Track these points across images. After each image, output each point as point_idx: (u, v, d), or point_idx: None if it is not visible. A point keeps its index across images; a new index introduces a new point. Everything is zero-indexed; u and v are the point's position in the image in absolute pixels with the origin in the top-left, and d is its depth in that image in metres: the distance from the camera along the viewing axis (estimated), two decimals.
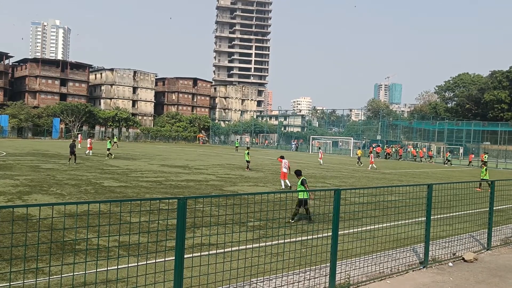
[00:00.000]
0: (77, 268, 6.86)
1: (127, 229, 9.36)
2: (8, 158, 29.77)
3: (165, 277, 5.79)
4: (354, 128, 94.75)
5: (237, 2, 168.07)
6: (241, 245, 8.14)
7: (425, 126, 79.50)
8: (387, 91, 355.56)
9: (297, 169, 13.22)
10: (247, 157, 29.02)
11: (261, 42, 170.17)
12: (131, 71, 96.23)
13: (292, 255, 7.34)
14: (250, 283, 6.44)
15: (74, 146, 28.18)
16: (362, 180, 25.99)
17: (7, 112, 74.93)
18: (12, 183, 17.38)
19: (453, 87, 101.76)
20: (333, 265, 6.50)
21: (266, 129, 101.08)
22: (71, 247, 8.51)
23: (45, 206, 10.15)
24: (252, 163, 35.95)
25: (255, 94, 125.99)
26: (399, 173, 33.63)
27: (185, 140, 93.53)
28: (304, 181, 12.35)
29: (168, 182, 20.06)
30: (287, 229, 10.37)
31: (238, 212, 10.81)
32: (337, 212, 6.52)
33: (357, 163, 40.94)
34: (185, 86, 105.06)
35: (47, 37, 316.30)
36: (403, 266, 7.85)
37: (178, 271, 5.07)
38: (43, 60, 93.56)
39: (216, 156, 45.06)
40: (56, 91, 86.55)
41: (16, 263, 7.37)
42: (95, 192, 16.18)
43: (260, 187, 20.21)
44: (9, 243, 8.02)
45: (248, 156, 29.14)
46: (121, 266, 6.95)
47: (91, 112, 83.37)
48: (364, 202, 11.64)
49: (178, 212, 5.06)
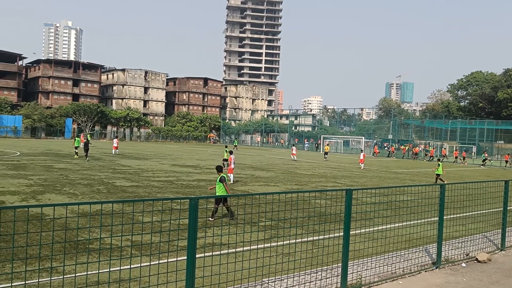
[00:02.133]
0: (91, 267, 6.94)
1: (139, 228, 9.43)
2: (22, 158, 30.15)
3: (177, 277, 5.83)
4: (365, 127, 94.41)
5: (247, 2, 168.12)
6: (253, 245, 8.16)
7: (438, 125, 78.82)
8: (399, 90, 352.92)
9: (218, 165, 12.88)
10: (226, 155, 27.98)
11: (271, 41, 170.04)
12: (142, 71, 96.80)
13: (304, 255, 7.34)
14: (261, 283, 6.46)
15: (88, 144, 30.99)
16: (373, 180, 25.85)
17: (21, 113, 75.86)
18: (26, 183, 17.60)
19: (466, 86, 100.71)
20: (345, 265, 6.49)
21: (277, 128, 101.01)
22: (84, 246, 8.60)
23: (59, 206, 10.27)
24: (263, 163, 35.96)
25: (266, 94, 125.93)
26: (411, 173, 33.39)
27: (196, 140, 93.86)
28: (223, 178, 12.03)
29: (179, 182, 20.15)
30: (299, 229, 10.36)
31: (249, 212, 10.84)
32: (349, 212, 6.51)
33: (324, 157, 45.76)
34: (196, 86, 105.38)
35: (59, 38, 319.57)
36: (416, 267, 7.80)
37: (190, 271, 5.10)
38: (56, 61, 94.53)
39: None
40: (69, 92, 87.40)
41: (30, 262, 7.47)
42: (107, 191, 16.31)
43: (271, 187, 20.21)
44: (24, 242, 8.13)
45: (226, 154, 28.14)
46: (133, 265, 7.01)
47: (103, 112, 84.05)
48: (375, 202, 11.58)
49: (190, 212, 5.08)
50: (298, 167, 33.58)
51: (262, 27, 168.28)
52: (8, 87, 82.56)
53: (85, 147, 31.72)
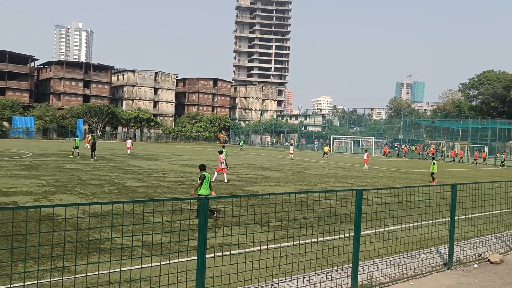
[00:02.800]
0: (102, 267, 6.98)
1: (150, 229, 9.47)
2: (34, 159, 30.47)
3: (187, 277, 5.84)
4: (376, 127, 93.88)
5: (256, 2, 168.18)
6: (263, 245, 8.16)
7: (449, 125, 78.14)
8: (409, 90, 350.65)
9: (201, 164, 12.74)
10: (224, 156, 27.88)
11: (281, 41, 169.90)
12: (152, 72, 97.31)
13: (314, 256, 7.31)
14: (271, 283, 6.45)
15: (95, 144, 33.31)
16: (384, 180, 25.71)
17: (33, 114, 76.70)
18: (38, 183, 17.78)
19: (478, 85, 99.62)
20: (355, 266, 6.46)
21: (287, 128, 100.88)
22: (96, 246, 8.66)
23: (71, 206, 10.33)
24: (273, 163, 35.94)
25: (275, 94, 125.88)
26: (422, 173, 33.14)
27: (205, 140, 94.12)
28: (202, 176, 11.96)
29: (189, 182, 20.22)
30: (309, 230, 10.34)
31: (259, 212, 10.83)
32: (359, 213, 6.47)
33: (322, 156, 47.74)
34: (206, 87, 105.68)
35: (70, 40, 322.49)
36: (427, 268, 7.74)
37: (200, 271, 5.11)
38: (67, 63, 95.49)
39: (237, 156, 45.18)
40: (80, 93, 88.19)
41: (42, 262, 7.53)
42: (118, 192, 16.42)
43: (281, 187, 20.20)
44: (36, 242, 8.21)
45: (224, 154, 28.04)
46: (144, 265, 7.04)
47: (113, 113, 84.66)
48: (386, 203, 11.50)
49: (200, 212, 5.10)
50: (308, 167, 33.51)
51: (271, 27, 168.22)
52: (20, 89, 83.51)
53: (92, 147, 33.08)
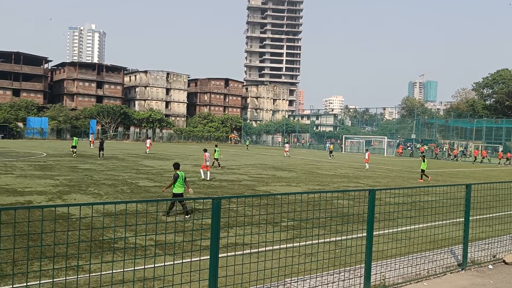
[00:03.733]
0: (116, 266, 7.05)
1: (163, 228, 9.54)
2: (48, 159, 30.84)
3: (200, 276, 5.87)
4: (388, 127, 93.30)
5: (268, 2, 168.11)
6: (275, 245, 8.17)
7: (462, 124, 77.32)
8: (422, 89, 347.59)
9: (175, 163, 12.80)
10: (216, 155, 28.09)
11: (292, 41, 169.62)
12: (164, 73, 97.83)
13: (326, 256, 7.30)
14: (284, 283, 6.45)
15: (103, 143, 34.59)
16: (396, 180, 25.54)
17: (47, 115, 77.64)
18: (53, 183, 17.99)
19: (492, 84, 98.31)
20: (368, 266, 6.43)
21: (298, 128, 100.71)
22: (109, 245, 8.75)
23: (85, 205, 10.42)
24: (284, 163, 35.91)
25: (287, 94, 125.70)
26: (435, 173, 32.85)
27: (217, 140, 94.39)
28: (176, 175, 11.96)
29: (201, 182, 20.29)
30: (321, 230, 10.33)
31: (271, 212, 10.84)
32: (372, 213, 6.45)
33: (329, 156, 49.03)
34: (217, 87, 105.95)
35: (83, 41, 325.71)
36: (441, 268, 7.67)
37: (213, 270, 5.13)
38: (80, 64, 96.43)
39: (248, 156, 45.23)
40: (93, 94, 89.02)
41: (57, 261, 7.63)
42: (131, 192, 16.54)
43: (293, 187, 20.18)
44: (51, 241, 8.31)
45: (218, 153, 28.30)
46: (157, 264, 7.10)
47: (126, 114, 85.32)
48: (399, 203, 11.43)
49: (212, 212, 5.12)
50: (320, 167, 33.42)
51: (282, 27, 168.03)
52: (34, 90, 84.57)
53: (100, 146, 34.12)
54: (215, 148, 28.59)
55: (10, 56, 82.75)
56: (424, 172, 25.89)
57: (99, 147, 34.15)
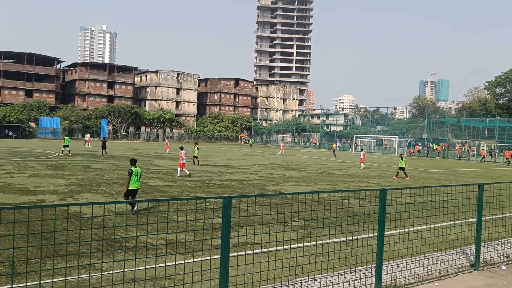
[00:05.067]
0: (127, 265, 7.10)
1: (173, 227, 9.58)
2: (60, 159, 31.14)
3: (211, 275, 5.89)
4: (399, 126, 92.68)
5: (278, 2, 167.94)
6: (285, 244, 8.16)
7: (475, 124, 76.47)
8: (433, 88, 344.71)
9: (132, 158, 12.89)
10: (196, 153, 29.08)
11: (302, 41, 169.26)
12: (175, 73, 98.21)
13: (337, 256, 7.28)
14: (294, 282, 6.45)
15: (106, 142, 36.21)
16: (407, 180, 25.36)
17: (59, 115, 78.39)
18: (65, 182, 18.17)
19: (505, 82, 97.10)
20: (379, 266, 6.40)
21: (308, 128, 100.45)
22: (121, 244, 8.81)
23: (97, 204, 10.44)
24: (295, 163, 35.86)
25: (297, 93, 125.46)
26: (447, 173, 32.57)
27: (227, 140, 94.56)
28: (130, 171, 12.11)
29: (211, 182, 20.35)
30: (331, 229, 10.30)
31: (281, 211, 10.84)
32: (383, 213, 6.41)
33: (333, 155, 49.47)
34: (227, 87, 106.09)
35: (95, 42, 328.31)
36: (453, 269, 7.61)
37: (224, 269, 5.14)
38: (92, 64, 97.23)
39: (258, 156, 45.24)
40: (104, 94, 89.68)
41: (70, 259, 7.71)
42: (141, 191, 16.62)
43: (303, 187, 20.14)
44: (64, 239, 8.40)
45: (197, 151, 29.25)
46: (168, 263, 7.13)
47: (137, 114, 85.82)
48: (410, 202, 11.35)
49: (223, 211, 5.13)
50: (330, 167, 33.32)
51: (293, 27, 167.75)
52: (46, 90, 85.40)
53: (103, 145, 35.49)
54: (195, 146, 29.73)
55: (23, 56, 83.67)
56: (403, 170, 26.03)
57: (102, 146, 35.45)
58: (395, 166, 37.08)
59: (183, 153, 22.45)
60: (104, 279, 6.67)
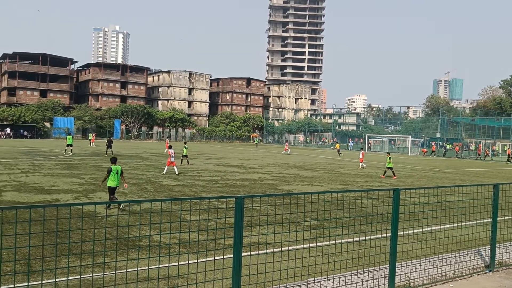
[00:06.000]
0: (141, 264, 7.16)
1: (186, 227, 9.63)
2: (74, 158, 31.48)
3: (223, 275, 5.91)
4: (412, 125, 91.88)
5: (289, 1, 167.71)
6: (298, 244, 8.15)
7: (489, 123, 75.49)
8: (447, 87, 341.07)
9: (113, 157, 13.38)
10: (185, 152, 29.65)
11: (314, 40, 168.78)
12: (187, 73, 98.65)
13: (350, 256, 7.25)
14: (307, 282, 6.44)
15: (111, 142, 37.94)
16: (421, 180, 25.14)
17: (72, 115, 79.28)
18: (79, 182, 18.36)
19: None
20: (392, 266, 6.36)
21: (320, 127, 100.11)
22: (134, 243, 8.88)
23: (111, 203, 10.62)
24: (307, 162, 35.78)
25: (309, 93, 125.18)
26: (461, 172, 32.21)
27: (239, 140, 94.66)
28: (109, 169, 12.56)
29: (223, 181, 20.39)
30: (344, 229, 10.26)
31: (294, 211, 10.82)
32: (396, 213, 6.37)
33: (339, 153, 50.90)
34: (239, 86, 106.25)
35: (108, 42, 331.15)
36: (467, 270, 7.53)
37: (236, 269, 5.16)
38: (105, 64, 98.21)
39: (270, 155, 45.21)
40: (117, 94, 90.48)
41: (84, 258, 7.79)
42: (154, 190, 16.75)
43: (315, 187, 20.08)
44: (78, 238, 8.49)
45: (186, 150, 29.88)
46: (181, 262, 7.17)
47: (149, 113, 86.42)
48: (424, 203, 11.25)
49: (235, 211, 5.14)
50: (343, 166, 33.17)
51: (304, 26, 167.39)
52: (61, 90, 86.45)
53: (108, 144, 37.21)
54: (184, 145, 30.55)
55: (38, 57, 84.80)
56: (392, 170, 25.90)
57: (107, 145, 37.07)
58: (408, 166, 36.78)
59: (171, 151, 23.28)
60: (118, 278, 6.72)
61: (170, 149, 23.59)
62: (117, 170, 12.67)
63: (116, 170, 12.63)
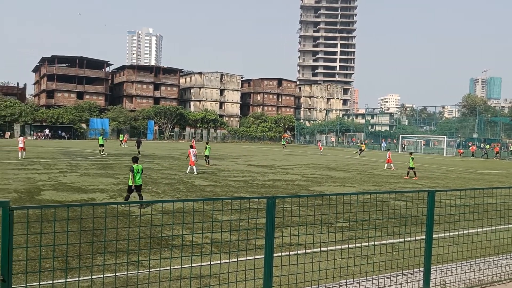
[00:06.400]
0: (173, 263, 7.26)
1: (218, 227, 9.71)
2: (109, 158, 32.26)
3: (255, 275, 5.93)
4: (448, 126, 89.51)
5: (321, 1, 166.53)
6: (330, 245, 8.09)
7: None
8: (485, 86, 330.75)
9: (134, 156, 13.78)
10: (207, 152, 29.43)
11: (346, 39, 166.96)
12: (218, 74, 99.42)
13: (383, 258, 7.14)
14: (339, 284, 6.39)
15: (140, 143, 40.04)
16: (457, 181, 24.48)
17: (107, 116, 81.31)
18: (114, 182, 18.80)
19: None
20: (427, 270, 6.23)
21: (353, 128, 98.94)
22: (167, 242, 9.02)
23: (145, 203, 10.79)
24: (338, 163, 35.44)
25: (341, 93, 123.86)
26: (499, 174, 31.17)
27: (270, 140, 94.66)
28: (132, 168, 12.79)
29: (255, 182, 20.44)
30: (377, 231, 10.11)
31: (325, 212, 10.74)
32: (431, 215, 6.24)
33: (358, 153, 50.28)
34: (270, 87, 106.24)
35: (141, 45, 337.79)
36: (506, 274, 7.29)
37: (268, 269, 5.17)
38: (139, 67, 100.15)
39: (301, 156, 45.02)
40: (150, 95, 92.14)
41: (119, 256, 7.97)
42: (187, 190, 16.96)
43: (347, 187, 19.87)
44: (113, 237, 8.69)
45: (208, 151, 29.60)
46: (213, 262, 7.23)
47: (181, 115, 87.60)
48: (460, 205, 10.95)
49: (267, 211, 5.15)
50: (375, 167, 32.68)
51: (336, 25, 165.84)
52: (96, 92, 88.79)
53: (138, 145, 38.92)
54: (206, 145, 30.50)
55: (74, 61, 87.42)
56: (414, 170, 25.37)
57: (137, 145, 38.95)
58: (444, 167, 35.89)
59: (192, 151, 23.19)
60: (151, 276, 6.85)
61: (190, 149, 23.65)
62: (139, 169, 13.12)
63: (138, 169, 13.06)
